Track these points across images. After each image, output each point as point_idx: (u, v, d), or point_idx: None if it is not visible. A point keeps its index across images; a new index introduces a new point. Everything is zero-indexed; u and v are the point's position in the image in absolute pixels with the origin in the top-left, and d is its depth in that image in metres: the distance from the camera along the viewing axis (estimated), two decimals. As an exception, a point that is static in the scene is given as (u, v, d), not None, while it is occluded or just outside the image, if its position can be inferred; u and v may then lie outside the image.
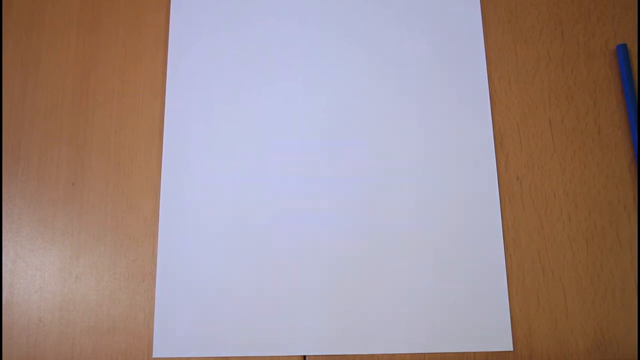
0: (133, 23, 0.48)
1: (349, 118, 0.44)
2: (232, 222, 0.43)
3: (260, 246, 0.42)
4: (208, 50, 0.47)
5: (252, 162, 0.44)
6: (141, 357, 0.40)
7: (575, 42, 0.46)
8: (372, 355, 0.40)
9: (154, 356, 0.40)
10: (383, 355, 0.40)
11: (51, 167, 0.45)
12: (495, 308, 0.40)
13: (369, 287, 0.41)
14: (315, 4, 0.47)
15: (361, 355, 0.40)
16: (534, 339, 0.40)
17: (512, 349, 0.40)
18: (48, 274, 0.43)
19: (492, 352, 0.40)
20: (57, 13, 0.49)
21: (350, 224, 0.42)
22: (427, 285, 0.41)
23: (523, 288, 0.41)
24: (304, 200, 0.43)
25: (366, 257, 0.41)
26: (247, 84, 0.46)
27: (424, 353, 0.39)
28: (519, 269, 0.41)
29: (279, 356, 0.40)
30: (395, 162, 0.43)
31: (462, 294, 0.40)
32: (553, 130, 0.44)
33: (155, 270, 0.42)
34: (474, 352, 0.40)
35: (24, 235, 0.44)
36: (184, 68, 0.47)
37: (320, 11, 0.47)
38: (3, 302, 0.42)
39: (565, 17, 0.47)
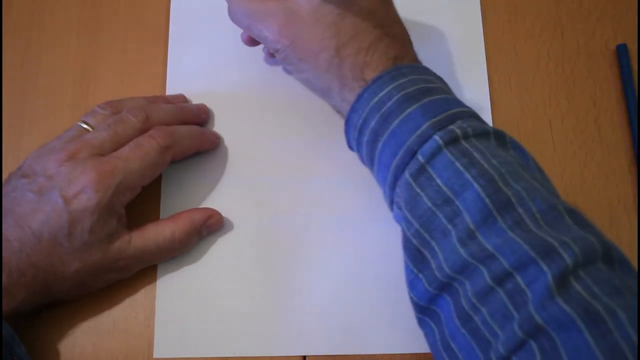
0: (133, 23, 0.48)
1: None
2: (231, 221, 0.43)
3: (260, 246, 0.42)
4: (208, 50, 0.47)
5: (252, 162, 0.44)
6: (141, 357, 0.40)
7: (575, 42, 0.46)
8: (372, 355, 0.40)
9: (154, 356, 0.40)
10: (383, 355, 0.40)
11: (51, 167, 0.44)
12: (495, 308, 0.40)
13: (369, 286, 0.41)
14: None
15: (361, 355, 0.40)
16: (534, 339, 0.40)
17: (512, 349, 0.40)
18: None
19: (492, 352, 0.40)
20: (57, 13, 0.49)
21: (351, 223, 0.42)
22: (427, 285, 0.41)
23: (523, 288, 0.41)
24: (304, 199, 0.43)
25: (366, 256, 0.41)
26: (247, 84, 0.46)
27: (424, 353, 0.39)
28: (519, 269, 0.41)
29: (279, 356, 0.40)
30: (395, 162, 0.43)
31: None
32: (553, 130, 0.44)
33: (156, 270, 0.42)
34: (474, 352, 0.39)
35: (24, 235, 0.44)
36: (184, 68, 0.47)
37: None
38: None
39: (565, 17, 0.47)
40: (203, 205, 0.43)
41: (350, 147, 0.39)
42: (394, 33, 0.37)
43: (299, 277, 0.41)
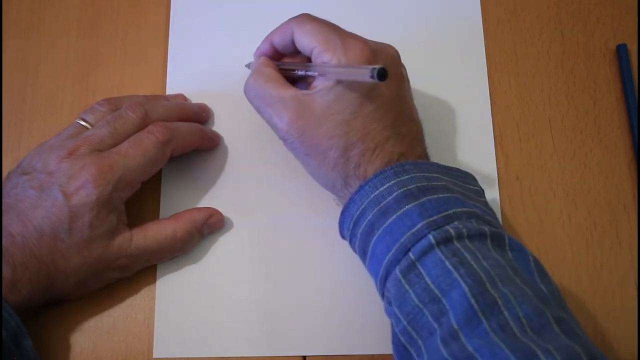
0: (133, 23, 0.48)
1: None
2: (231, 221, 0.43)
3: (260, 246, 0.42)
4: (208, 50, 0.47)
5: (252, 162, 0.44)
6: (141, 357, 0.40)
7: (575, 42, 0.46)
8: (372, 355, 0.40)
9: (154, 356, 0.40)
10: (383, 355, 0.40)
11: (51, 167, 0.44)
12: (495, 308, 0.40)
13: (369, 286, 0.41)
14: (315, 5, 0.47)
15: (361, 355, 0.40)
16: (534, 339, 0.40)
17: (512, 349, 0.40)
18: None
19: (492, 352, 0.40)
20: (57, 13, 0.49)
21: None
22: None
23: (523, 288, 0.41)
24: (304, 198, 0.43)
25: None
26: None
27: (424, 353, 0.39)
28: (519, 269, 0.41)
29: (279, 356, 0.40)
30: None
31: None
32: (553, 130, 0.44)
33: (156, 270, 0.42)
34: (474, 352, 0.39)
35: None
36: (184, 68, 0.47)
37: (320, 14, 0.46)
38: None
39: (565, 17, 0.47)
40: (203, 205, 0.43)
41: (343, 236, 0.38)
42: (404, 132, 0.37)
43: (298, 277, 0.41)
